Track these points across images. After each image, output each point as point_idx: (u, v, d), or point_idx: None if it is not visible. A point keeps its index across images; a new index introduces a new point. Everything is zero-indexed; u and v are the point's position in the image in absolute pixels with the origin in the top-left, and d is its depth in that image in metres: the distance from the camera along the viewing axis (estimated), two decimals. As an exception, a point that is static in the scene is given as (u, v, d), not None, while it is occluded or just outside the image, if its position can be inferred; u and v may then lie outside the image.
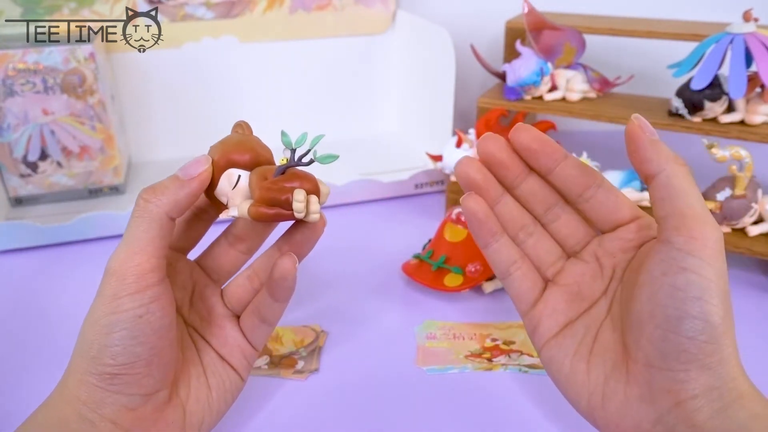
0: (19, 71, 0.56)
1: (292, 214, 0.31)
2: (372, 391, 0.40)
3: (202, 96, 0.71)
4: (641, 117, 0.29)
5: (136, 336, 0.28)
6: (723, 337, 0.26)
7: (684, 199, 0.27)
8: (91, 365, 0.28)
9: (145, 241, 0.29)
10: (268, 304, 0.34)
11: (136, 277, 0.29)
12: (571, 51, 0.60)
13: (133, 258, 0.29)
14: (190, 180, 0.31)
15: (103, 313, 0.29)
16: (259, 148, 0.33)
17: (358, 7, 0.71)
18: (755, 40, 0.49)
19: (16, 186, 0.60)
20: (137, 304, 0.29)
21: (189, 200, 0.31)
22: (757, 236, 0.50)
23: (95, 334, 0.29)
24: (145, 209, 0.30)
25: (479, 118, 0.60)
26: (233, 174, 0.32)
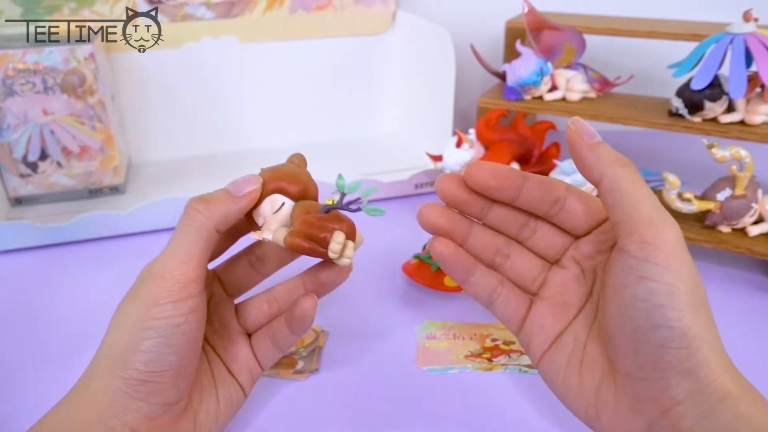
0: (19, 71, 0.56)
1: (326, 252, 0.31)
2: (372, 391, 0.40)
3: (202, 96, 0.71)
4: (579, 120, 0.28)
5: (172, 345, 0.28)
6: (695, 340, 0.26)
7: (631, 203, 0.26)
8: (120, 368, 0.28)
9: (192, 250, 0.29)
10: (284, 333, 0.34)
11: (181, 286, 0.29)
12: (571, 51, 0.60)
13: (180, 266, 0.29)
14: (241, 197, 0.31)
15: (141, 317, 0.28)
16: (310, 183, 0.34)
17: (358, 7, 0.71)
18: (755, 40, 0.49)
19: (16, 186, 0.60)
20: (177, 313, 0.28)
21: (238, 215, 0.31)
22: (757, 236, 0.50)
23: (129, 336, 0.28)
24: (195, 219, 0.30)
25: (479, 118, 0.60)
26: (278, 200, 0.33)
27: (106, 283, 0.52)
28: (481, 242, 0.32)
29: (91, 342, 0.44)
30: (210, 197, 0.31)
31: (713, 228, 0.51)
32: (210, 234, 0.30)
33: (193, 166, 0.71)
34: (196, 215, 0.30)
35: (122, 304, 0.30)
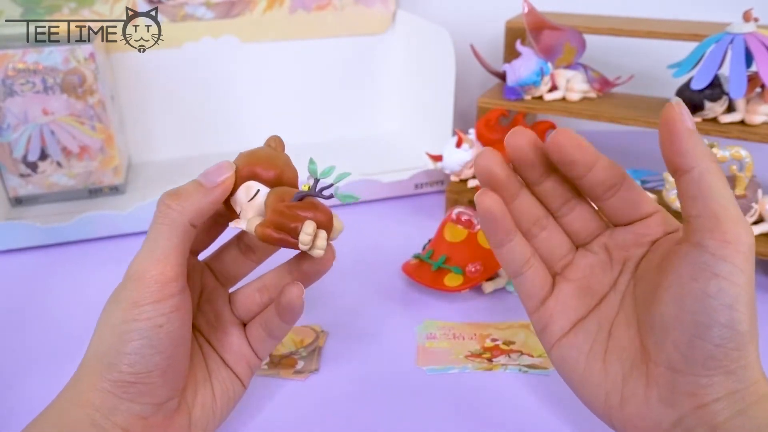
0: (19, 71, 0.56)
1: (296, 243, 0.30)
2: (372, 391, 0.40)
3: (202, 96, 0.71)
4: (682, 103, 0.27)
5: (155, 345, 0.28)
6: (749, 344, 0.26)
7: (718, 200, 0.26)
8: (107, 371, 0.28)
9: (168, 248, 0.29)
10: (276, 322, 0.34)
11: (159, 286, 0.28)
12: (571, 51, 0.60)
13: (156, 266, 0.28)
14: (213, 187, 0.30)
15: (122, 319, 0.28)
16: (287, 168, 0.33)
17: (358, 7, 0.71)
18: (755, 40, 0.49)
19: (16, 186, 0.60)
20: (158, 313, 0.28)
21: (211, 207, 0.30)
22: (757, 236, 0.50)
23: (112, 339, 0.28)
24: (168, 216, 0.29)
25: (479, 118, 0.60)
26: (252, 187, 0.31)
27: (106, 283, 0.51)
28: (523, 208, 0.31)
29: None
30: (181, 191, 0.30)
31: (713, 228, 0.51)
32: (185, 229, 0.29)
33: (193, 166, 0.70)
34: (168, 212, 0.29)
35: (106, 305, 0.30)
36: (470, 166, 0.59)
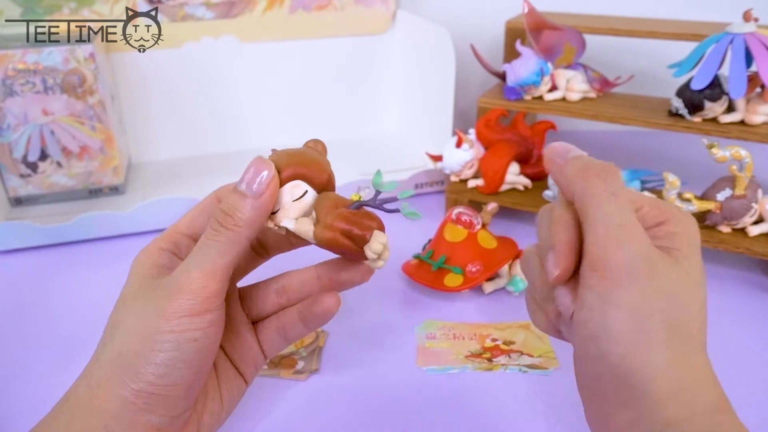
0: (19, 71, 0.56)
1: (361, 252, 0.29)
2: (372, 391, 0.40)
3: (202, 96, 0.71)
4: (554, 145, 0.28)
5: (186, 359, 0.27)
6: (632, 373, 0.24)
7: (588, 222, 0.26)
8: (131, 379, 0.27)
9: (218, 264, 0.28)
10: (297, 328, 0.33)
11: (201, 299, 0.28)
12: (571, 51, 0.60)
13: (203, 279, 0.28)
14: (260, 196, 0.28)
15: (158, 329, 0.27)
16: (332, 173, 0.32)
17: (358, 7, 0.71)
18: (755, 40, 0.49)
19: (16, 186, 0.60)
20: (195, 327, 0.27)
21: (264, 216, 0.29)
22: (757, 236, 0.50)
23: (141, 346, 0.27)
24: (222, 233, 0.28)
25: (479, 118, 0.60)
26: (300, 187, 0.30)
27: (106, 283, 0.51)
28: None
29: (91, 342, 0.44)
30: (230, 210, 0.28)
31: (713, 228, 0.51)
32: (239, 246, 0.29)
33: (193, 166, 0.71)
34: (221, 230, 0.28)
35: (134, 307, 0.29)
36: (470, 165, 0.59)
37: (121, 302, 0.30)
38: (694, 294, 0.26)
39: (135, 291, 0.29)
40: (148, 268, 0.30)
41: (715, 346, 0.44)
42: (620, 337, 0.24)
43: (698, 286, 0.26)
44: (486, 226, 0.51)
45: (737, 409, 0.38)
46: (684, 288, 0.25)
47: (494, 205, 0.53)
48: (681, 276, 0.25)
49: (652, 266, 0.25)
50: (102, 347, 0.29)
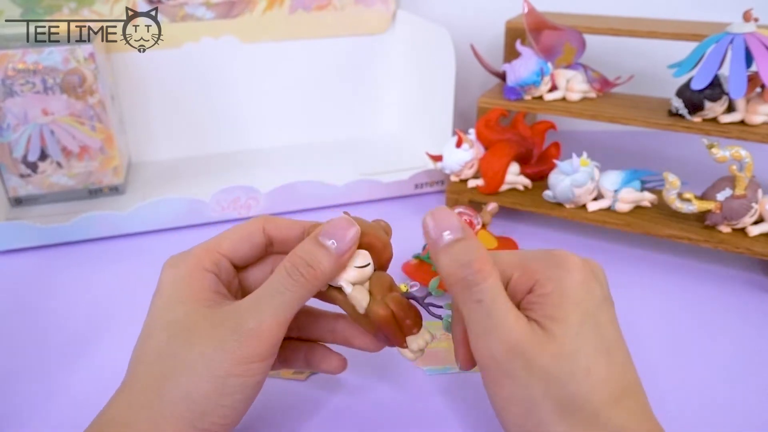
0: (19, 71, 0.56)
1: (402, 341, 0.31)
2: (371, 391, 0.40)
3: (202, 96, 0.71)
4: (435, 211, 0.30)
5: (249, 399, 0.28)
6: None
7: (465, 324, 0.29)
8: (198, 419, 0.27)
9: (291, 313, 0.29)
10: (299, 363, 0.34)
11: (271, 346, 0.28)
12: (571, 51, 0.60)
13: (276, 328, 0.28)
14: (341, 254, 0.29)
15: (229, 372, 0.27)
16: (391, 255, 0.33)
17: (358, 7, 0.71)
18: (755, 40, 0.49)
19: (16, 186, 0.60)
20: (262, 371, 0.28)
21: (337, 274, 0.30)
22: (757, 236, 0.50)
23: (210, 387, 0.27)
24: (299, 282, 0.29)
25: (479, 118, 0.60)
26: (366, 257, 0.31)
27: (106, 283, 0.52)
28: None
29: (91, 342, 0.44)
30: (313, 259, 0.29)
31: (713, 228, 0.51)
32: (309, 297, 0.29)
33: (193, 166, 0.71)
34: (300, 279, 0.28)
35: (200, 345, 0.28)
36: (470, 166, 0.59)
37: (179, 331, 0.29)
38: (572, 364, 0.26)
39: (194, 323, 0.29)
40: (199, 291, 0.30)
41: (715, 347, 0.44)
42: (516, 419, 0.27)
43: (576, 351, 0.26)
44: (486, 226, 0.51)
45: (737, 410, 0.38)
46: (560, 364, 0.26)
47: (494, 205, 0.53)
48: (555, 352, 0.26)
49: (524, 358, 0.26)
50: (165, 382, 0.28)
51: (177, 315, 0.29)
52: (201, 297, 0.30)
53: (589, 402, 0.26)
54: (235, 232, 0.33)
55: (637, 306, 0.48)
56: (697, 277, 0.52)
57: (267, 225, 0.33)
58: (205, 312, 0.29)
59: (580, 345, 0.26)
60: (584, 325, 0.27)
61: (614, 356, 0.27)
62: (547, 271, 0.28)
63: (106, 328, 0.46)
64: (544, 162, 0.60)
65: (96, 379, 0.41)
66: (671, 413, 0.38)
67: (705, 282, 0.51)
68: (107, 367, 0.31)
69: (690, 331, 0.45)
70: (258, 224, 0.33)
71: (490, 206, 0.52)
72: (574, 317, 0.27)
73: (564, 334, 0.26)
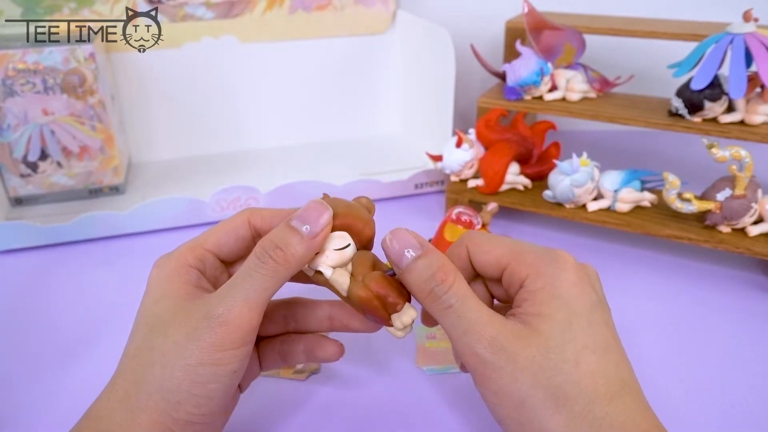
0: (19, 71, 0.56)
1: (387, 319, 0.30)
2: (372, 391, 0.40)
3: (203, 96, 0.71)
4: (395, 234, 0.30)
5: (227, 390, 0.28)
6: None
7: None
8: (173, 409, 0.27)
9: (261, 298, 0.28)
10: (299, 357, 0.34)
11: (244, 333, 0.28)
12: (571, 51, 0.60)
13: (247, 313, 0.28)
14: (313, 238, 0.29)
15: (200, 361, 0.27)
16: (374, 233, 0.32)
17: (358, 7, 0.71)
18: (755, 40, 0.49)
19: (16, 186, 0.60)
20: (236, 359, 0.28)
21: (310, 256, 0.29)
22: (757, 236, 0.50)
23: (183, 377, 0.27)
24: (268, 266, 0.28)
25: (479, 118, 0.60)
26: (345, 238, 0.30)
27: (106, 283, 0.52)
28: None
29: (91, 342, 0.44)
30: (281, 243, 0.28)
31: (713, 228, 0.51)
32: (282, 281, 0.29)
33: (193, 166, 0.71)
34: (269, 262, 0.28)
35: (175, 335, 0.28)
36: (470, 165, 0.59)
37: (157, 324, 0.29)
38: (558, 356, 0.26)
39: (172, 315, 0.29)
40: (179, 286, 0.30)
41: (715, 347, 0.44)
42: (510, 412, 0.27)
43: (563, 345, 0.27)
44: (486, 226, 0.51)
45: (737, 410, 0.38)
46: (548, 358, 0.26)
47: (494, 205, 0.53)
48: (540, 345, 0.27)
49: (507, 352, 0.27)
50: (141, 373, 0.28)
51: (158, 310, 0.29)
52: (182, 292, 0.30)
53: (582, 394, 0.26)
54: (221, 227, 0.33)
55: (637, 306, 0.48)
56: (697, 277, 0.52)
57: (252, 217, 0.33)
58: (184, 305, 0.29)
59: (567, 340, 0.26)
60: (573, 324, 0.27)
61: (608, 354, 0.27)
62: (541, 266, 0.28)
63: (106, 328, 0.46)
64: (544, 162, 0.60)
65: (96, 379, 0.40)
66: (671, 413, 0.38)
67: (705, 282, 0.51)
68: (107, 367, 0.30)
69: (690, 330, 0.45)
70: (243, 217, 0.33)
71: (490, 206, 0.52)
72: (561, 314, 0.27)
73: (549, 329, 0.27)
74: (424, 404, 0.39)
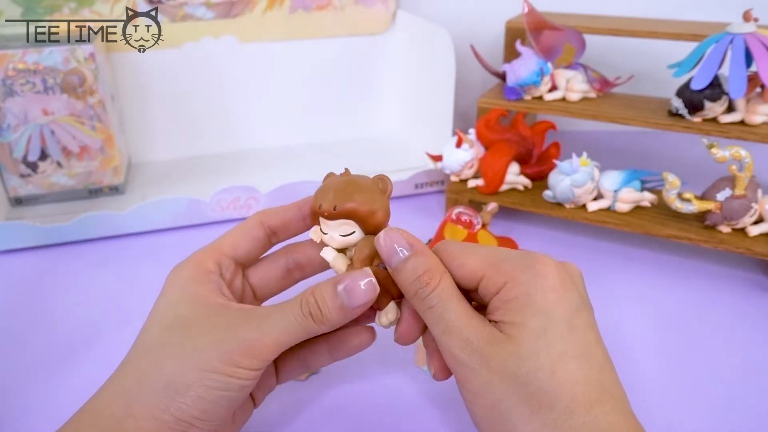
0: (19, 71, 0.56)
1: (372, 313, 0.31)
2: (372, 390, 0.40)
3: (202, 96, 0.71)
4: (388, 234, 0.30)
5: (231, 401, 0.28)
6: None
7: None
8: (176, 408, 0.27)
9: (290, 341, 0.29)
10: (321, 358, 0.34)
11: (263, 362, 0.29)
12: (571, 51, 0.60)
13: (273, 349, 0.29)
14: (353, 310, 0.29)
15: (214, 368, 0.28)
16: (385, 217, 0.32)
17: (358, 7, 0.71)
18: (755, 40, 0.49)
19: (16, 186, 0.60)
20: (249, 377, 0.28)
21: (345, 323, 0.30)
22: (757, 236, 0.50)
23: (193, 379, 0.27)
24: (307, 321, 0.29)
25: (479, 118, 0.60)
26: (349, 226, 0.31)
27: (106, 283, 0.52)
28: None
29: (91, 342, 0.44)
30: (325, 308, 0.29)
31: (713, 228, 0.51)
32: (312, 334, 0.29)
33: (193, 166, 0.71)
34: (309, 319, 0.29)
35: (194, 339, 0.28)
36: (470, 166, 0.59)
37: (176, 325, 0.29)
38: (532, 364, 0.26)
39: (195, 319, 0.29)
40: (204, 293, 0.30)
41: (715, 346, 0.44)
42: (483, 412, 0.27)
43: (536, 353, 0.26)
44: (486, 226, 0.51)
45: (737, 410, 0.38)
46: (520, 365, 0.26)
47: (494, 205, 0.53)
48: (513, 351, 0.26)
49: (481, 355, 0.27)
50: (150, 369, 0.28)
51: (178, 311, 0.30)
52: (206, 300, 0.30)
53: (558, 402, 0.25)
54: (234, 230, 0.34)
55: (636, 306, 0.48)
56: (697, 277, 0.52)
57: (263, 217, 0.34)
58: (209, 312, 0.29)
59: (541, 348, 0.26)
60: (548, 331, 0.26)
61: (590, 360, 0.26)
62: (517, 274, 0.28)
63: (106, 328, 0.46)
64: (544, 162, 0.60)
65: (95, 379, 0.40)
66: (671, 413, 0.38)
67: (705, 282, 0.51)
68: (107, 366, 0.30)
69: (690, 330, 0.45)
70: (255, 219, 0.34)
71: (490, 206, 0.52)
72: (536, 321, 0.27)
73: (522, 337, 0.26)
74: (424, 404, 0.39)
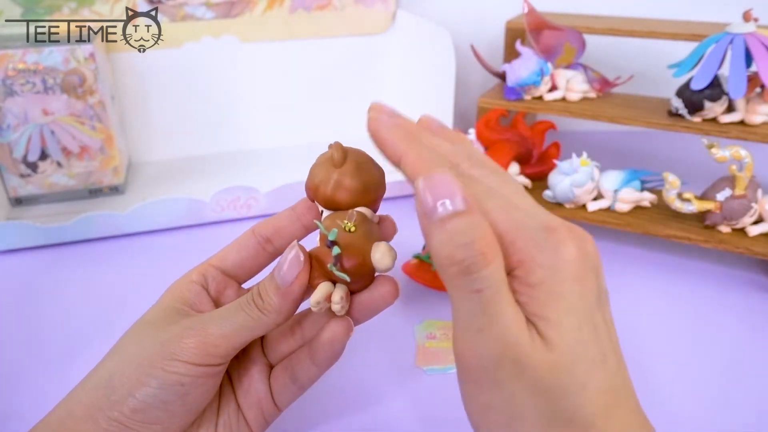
0: (19, 71, 0.56)
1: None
2: (372, 391, 0.40)
3: (202, 96, 0.71)
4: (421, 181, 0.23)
5: (167, 401, 0.27)
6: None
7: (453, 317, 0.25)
8: (108, 406, 0.27)
9: (237, 335, 0.28)
10: (305, 366, 0.31)
11: (205, 355, 0.27)
12: (571, 51, 0.60)
13: (217, 340, 0.28)
14: (289, 287, 0.28)
15: (151, 362, 0.27)
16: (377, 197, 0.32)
17: (358, 7, 0.71)
18: (755, 40, 0.49)
19: (16, 186, 0.60)
20: (186, 373, 0.27)
21: (291, 306, 0.29)
22: (757, 236, 0.50)
23: (130, 375, 0.27)
24: (252, 310, 0.28)
25: (479, 118, 0.60)
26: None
27: (106, 283, 0.52)
28: None
29: (91, 342, 0.44)
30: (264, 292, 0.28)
31: (713, 228, 0.51)
32: (265, 326, 0.28)
33: (193, 166, 0.71)
34: (253, 308, 0.28)
35: (142, 329, 0.29)
36: (470, 166, 0.59)
37: (132, 328, 0.30)
38: (568, 378, 0.22)
39: (152, 319, 0.29)
40: (174, 299, 0.31)
41: (715, 346, 0.44)
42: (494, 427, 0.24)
43: (574, 363, 0.22)
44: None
45: (737, 410, 0.38)
46: (556, 378, 0.22)
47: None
48: (552, 364, 0.22)
49: (516, 366, 0.22)
50: (97, 368, 0.28)
51: (144, 318, 0.30)
52: (176, 303, 0.30)
53: (580, 415, 0.22)
54: (231, 243, 0.34)
55: (636, 306, 0.48)
56: (697, 277, 0.52)
57: (255, 227, 0.33)
58: (170, 314, 0.30)
59: (578, 355, 0.22)
60: (581, 331, 0.23)
61: (609, 363, 0.23)
62: (537, 254, 0.23)
63: (106, 328, 0.46)
64: (544, 162, 0.60)
65: (96, 379, 0.41)
66: (671, 413, 0.38)
67: (705, 282, 0.51)
68: (107, 367, 0.31)
69: (690, 331, 0.45)
70: (248, 231, 0.33)
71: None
72: (570, 321, 0.23)
73: (561, 342, 0.22)
74: (424, 404, 0.39)
